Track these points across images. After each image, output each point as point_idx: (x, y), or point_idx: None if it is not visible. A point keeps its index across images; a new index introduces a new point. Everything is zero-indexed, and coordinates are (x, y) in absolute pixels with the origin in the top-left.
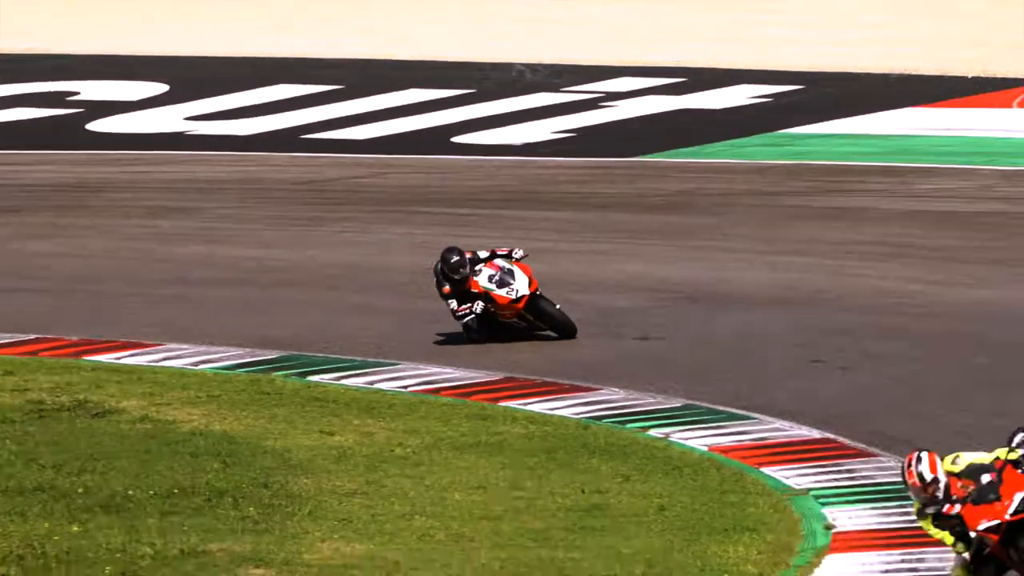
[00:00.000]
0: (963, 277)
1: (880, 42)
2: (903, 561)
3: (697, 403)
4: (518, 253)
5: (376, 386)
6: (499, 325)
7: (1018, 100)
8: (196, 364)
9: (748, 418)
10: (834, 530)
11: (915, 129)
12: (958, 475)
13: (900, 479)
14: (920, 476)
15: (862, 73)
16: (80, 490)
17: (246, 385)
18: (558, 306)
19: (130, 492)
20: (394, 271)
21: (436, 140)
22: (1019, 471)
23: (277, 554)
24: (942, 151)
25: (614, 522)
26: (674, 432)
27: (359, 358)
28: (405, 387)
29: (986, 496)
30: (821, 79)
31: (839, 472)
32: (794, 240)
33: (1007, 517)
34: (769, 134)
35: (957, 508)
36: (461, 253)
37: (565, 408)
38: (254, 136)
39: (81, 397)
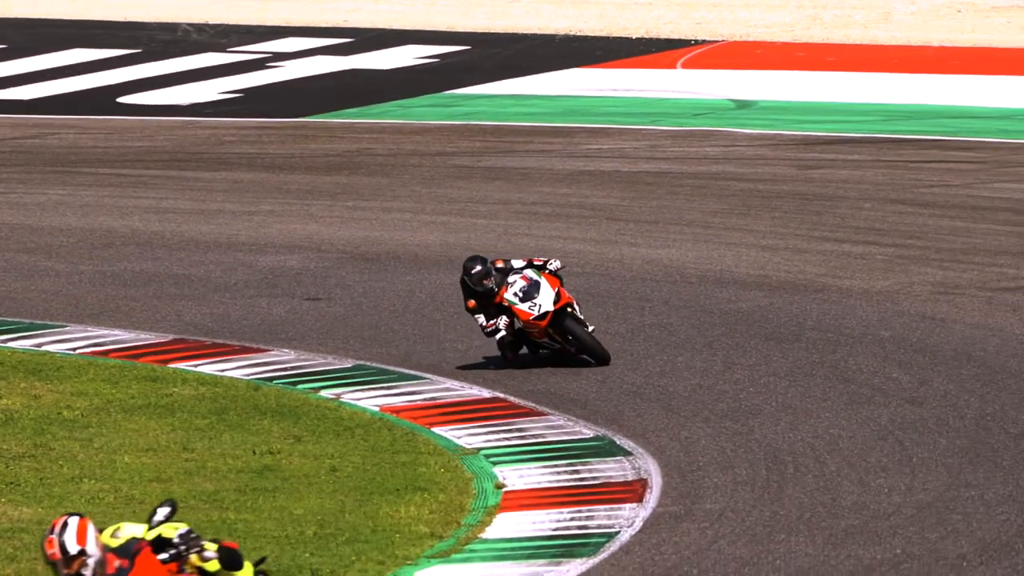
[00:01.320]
0: (627, 236)
1: (545, 3)
2: (572, 519)
3: (368, 363)
4: (553, 264)
5: (43, 348)
6: (533, 345)
7: (682, 61)
8: None
9: (419, 378)
10: (505, 489)
11: (581, 90)
12: (115, 551)
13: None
14: (63, 547)
15: (528, 34)
16: None
17: None
18: (591, 328)
19: None
20: (60, 232)
21: (101, 100)
22: (158, 556)
23: None
24: (608, 111)
25: (286, 483)
26: (345, 393)
27: (25, 320)
28: (73, 349)
29: None
30: (487, 40)
31: (509, 431)
32: (461, 200)
33: None
34: (436, 95)
35: None
36: (485, 262)
37: (236, 369)
38: None
39: None
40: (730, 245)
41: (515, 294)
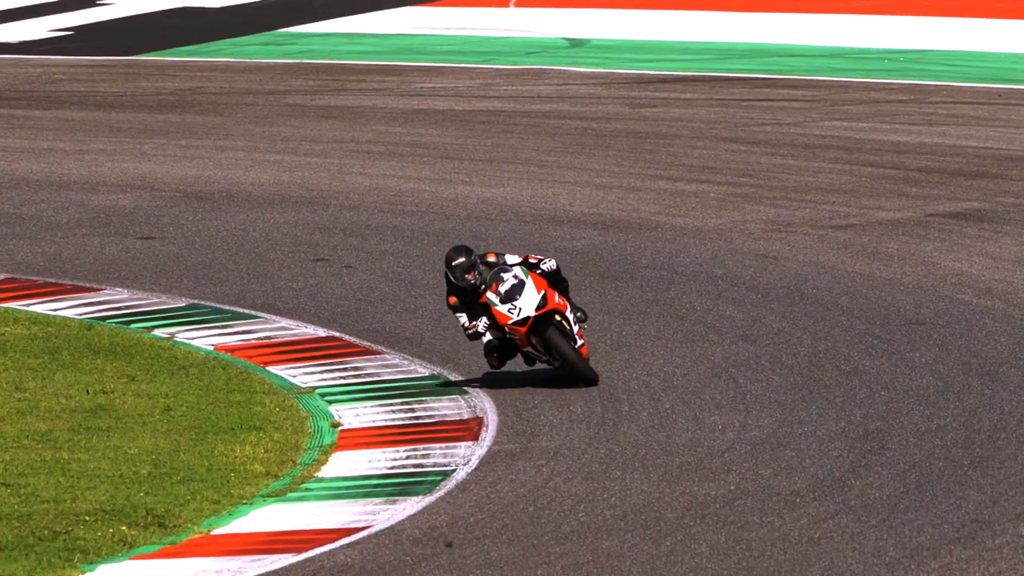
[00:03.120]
0: (462, 175)
1: None
2: (408, 457)
3: (202, 302)
4: (547, 265)
5: None
6: (521, 354)
7: (514, 0)
8: None
9: (253, 317)
10: (341, 427)
11: (414, 28)
12: None
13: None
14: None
15: None
16: None
17: None
18: (581, 344)
19: None
20: None
21: None
22: None
23: None
24: (441, 50)
25: (120, 422)
26: (179, 332)
27: None
28: None
29: None
30: None
31: (344, 370)
32: (295, 139)
33: None
34: (269, 32)
35: None
36: (470, 254)
37: (68, 308)
38: None
39: None
40: (564, 184)
41: (497, 293)
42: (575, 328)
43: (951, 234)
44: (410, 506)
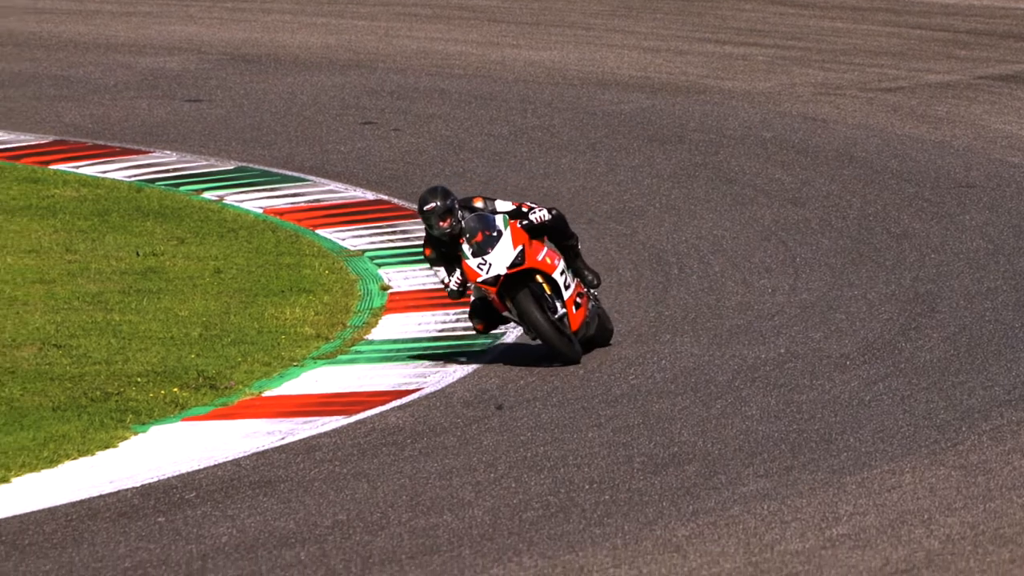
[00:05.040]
0: (509, 38)
1: None
2: (458, 320)
3: (250, 165)
4: (537, 215)
5: None
6: (501, 318)
7: None
8: None
9: (302, 180)
10: (390, 290)
11: None
12: None
13: None
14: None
15: None
16: None
17: None
18: (560, 313)
19: None
20: None
21: None
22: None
23: None
24: None
25: (170, 284)
26: (228, 194)
27: None
28: None
29: None
30: None
31: (393, 233)
32: (342, 2)
33: None
34: None
35: None
36: (446, 196)
37: (117, 171)
38: None
39: None
40: (612, 47)
41: (471, 244)
42: (567, 292)
43: (1001, 96)
44: (460, 369)
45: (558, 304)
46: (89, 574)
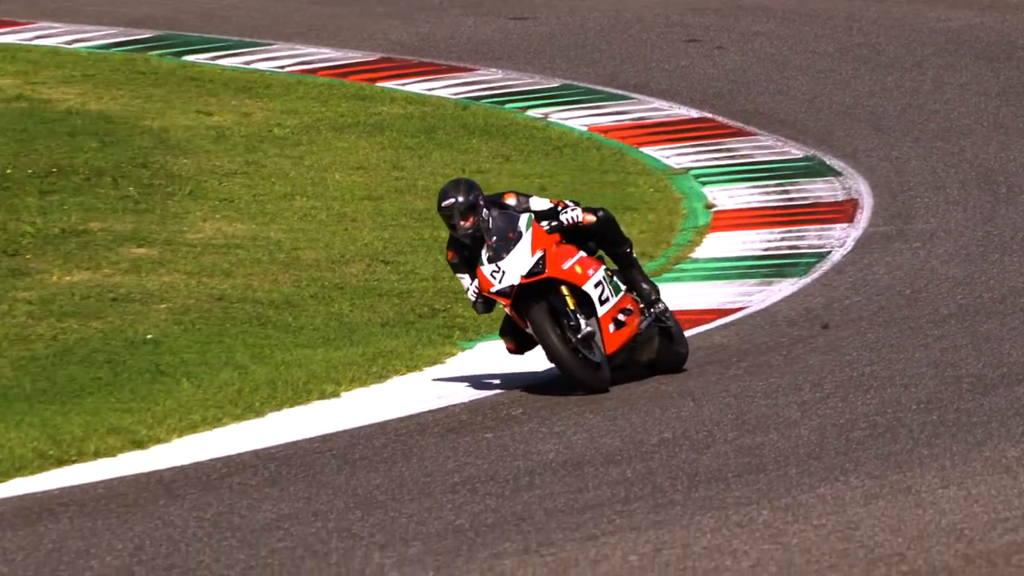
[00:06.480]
0: None
1: None
2: (783, 239)
3: (575, 83)
4: (569, 215)
5: (253, 66)
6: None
7: None
8: (70, 43)
9: (626, 98)
10: (715, 209)
11: None
12: None
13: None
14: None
15: None
16: None
17: (122, 64)
18: (586, 331)
19: (8, 171)
20: None
21: None
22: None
23: (159, 234)
24: None
25: None
26: (552, 112)
27: (235, 38)
28: (282, 67)
29: None
30: None
31: (718, 151)
32: None
33: None
34: None
35: None
36: (470, 190)
37: (443, 88)
38: None
39: None
40: None
41: (489, 248)
42: (603, 308)
43: None
44: (785, 287)
45: (583, 321)
46: (418, 488)
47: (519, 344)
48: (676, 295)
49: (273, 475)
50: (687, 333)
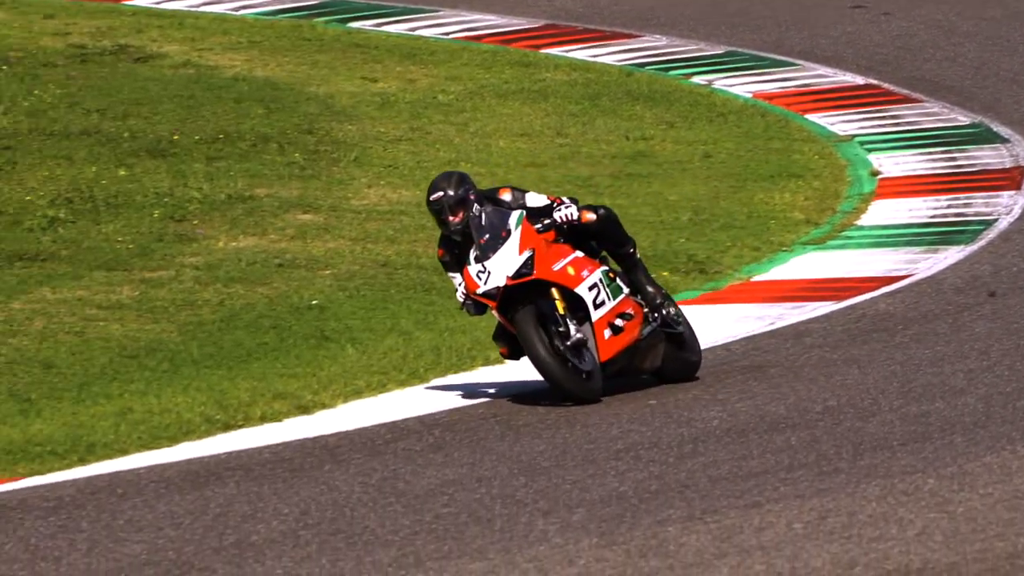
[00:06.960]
0: None
1: None
2: (950, 206)
3: (740, 49)
4: (563, 212)
5: (417, 32)
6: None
7: None
8: (237, 10)
9: (791, 64)
10: (880, 176)
11: None
12: None
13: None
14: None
15: None
16: (126, 134)
17: (288, 31)
18: (577, 337)
19: (175, 137)
20: None
21: None
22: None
23: (324, 200)
24: None
25: (659, 168)
26: (717, 79)
27: (399, 4)
28: (446, 34)
29: None
30: None
31: (884, 118)
32: None
33: None
34: None
35: None
36: (461, 184)
37: (607, 55)
38: None
39: (123, 41)
40: None
41: (478, 247)
42: (598, 312)
43: None
44: (951, 255)
45: (573, 327)
46: (582, 455)
47: (512, 349)
48: (841, 263)
49: (437, 441)
50: (850, 301)
